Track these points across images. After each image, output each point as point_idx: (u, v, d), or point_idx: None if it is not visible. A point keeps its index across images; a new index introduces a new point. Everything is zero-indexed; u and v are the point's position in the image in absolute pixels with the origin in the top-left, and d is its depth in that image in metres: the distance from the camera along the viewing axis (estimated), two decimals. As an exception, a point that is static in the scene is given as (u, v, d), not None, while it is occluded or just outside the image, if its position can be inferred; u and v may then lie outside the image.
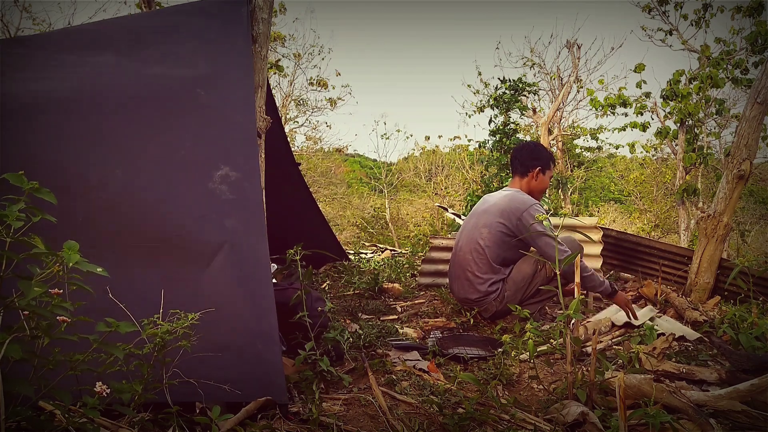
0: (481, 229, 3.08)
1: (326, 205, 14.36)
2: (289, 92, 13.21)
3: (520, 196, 3.08)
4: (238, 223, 1.93)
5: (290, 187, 4.15)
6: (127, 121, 2.05)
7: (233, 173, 1.97)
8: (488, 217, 3.08)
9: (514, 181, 3.26)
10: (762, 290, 3.59)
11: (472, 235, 3.11)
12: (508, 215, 3.01)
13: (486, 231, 3.05)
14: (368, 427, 1.75)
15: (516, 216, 2.98)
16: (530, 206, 2.98)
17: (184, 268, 1.87)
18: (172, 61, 2.24)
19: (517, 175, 3.23)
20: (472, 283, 3.06)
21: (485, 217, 3.10)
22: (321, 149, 15.32)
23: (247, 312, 1.86)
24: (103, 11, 26.05)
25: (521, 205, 2.99)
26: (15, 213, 1.13)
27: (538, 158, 3.18)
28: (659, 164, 14.70)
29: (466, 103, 25.05)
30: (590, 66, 19.07)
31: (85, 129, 2.01)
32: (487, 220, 3.08)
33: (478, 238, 3.07)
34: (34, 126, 1.98)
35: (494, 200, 3.16)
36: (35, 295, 1.14)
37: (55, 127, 2.00)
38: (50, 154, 1.95)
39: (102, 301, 1.54)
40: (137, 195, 1.94)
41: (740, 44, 8.68)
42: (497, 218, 3.03)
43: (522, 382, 2.26)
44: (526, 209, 2.97)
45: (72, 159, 1.95)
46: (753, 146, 3.53)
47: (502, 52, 31.82)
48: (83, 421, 1.22)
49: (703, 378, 2.15)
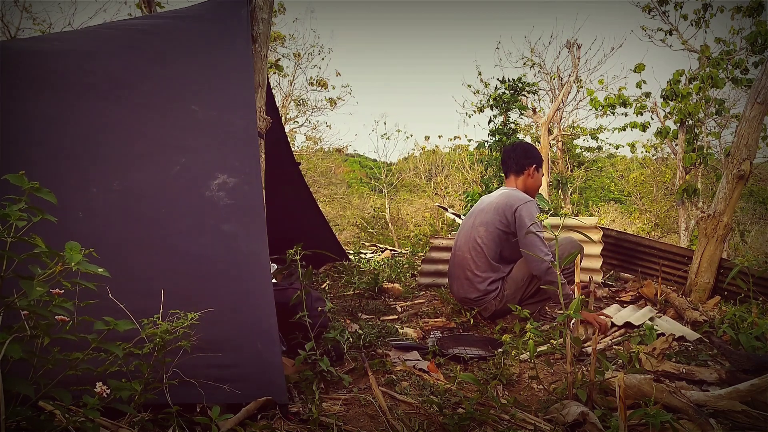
0: (478, 227, 3.10)
1: (326, 205, 14.35)
2: (289, 92, 13.22)
3: (516, 193, 3.11)
4: (238, 227, 1.95)
5: (290, 187, 4.15)
6: (124, 139, 2.06)
7: (231, 179, 1.99)
8: (485, 215, 3.11)
9: (509, 180, 3.29)
10: (762, 290, 3.59)
11: (470, 235, 3.13)
12: (504, 211, 3.04)
13: (483, 229, 3.08)
14: (368, 427, 1.75)
15: (511, 212, 3.01)
16: (526, 202, 3.02)
17: (184, 275, 1.89)
18: (171, 64, 2.24)
19: (511, 174, 3.27)
20: (472, 282, 3.07)
21: (482, 215, 3.14)
22: (321, 149, 15.32)
23: (247, 312, 1.86)
24: (103, 11, 26.02)
25: (516, 201, 3.02)
26: (17, 213, 1.13)
27: (532, 156, 3.24)
28: (659, 164, 14.70)
29: (466, 103, 25.11)
30: (590, 66, 19.08)
31: (82, 146, 2.03)
32: (484, 218, 3.11)
33: (476, 236, 3.09)
34: (36, 143, 2.00)
35: (491, 200, 3.20)
36: (37, 295, 1.14)
37: (55, 144, 2.02)
38: (49, 168, 1.98)
39: (103, 304, 1.54)
40: (135, 211, 1.96)
41: (740, 44, 8.68)
42: (494, 216, 3.06)
43: (522, 382, 2.26)
44: (521, 204, 3.00)
45: (71, 173, 1.97)
46: (753, 146, 3.54)
47: (503, 52, 31.88)
48: (83, 421, 1.22)
49: (703, 378, 2.15)
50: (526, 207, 2.99)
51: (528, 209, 2.98)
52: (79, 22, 14.25)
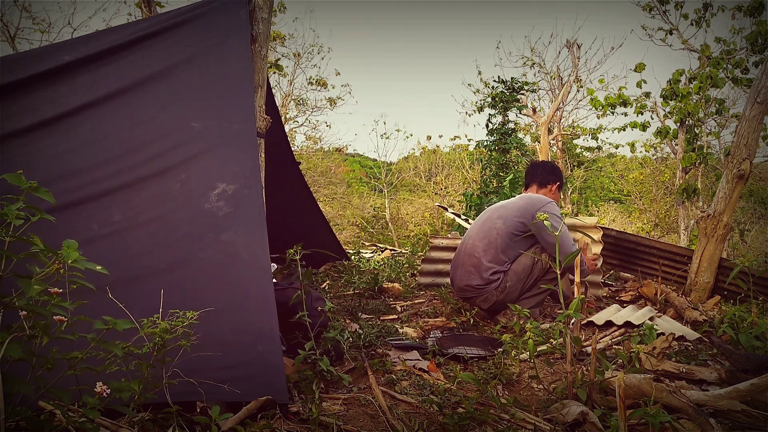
0: (495, 220, 3.22)
1: (326, 205, 14.34)
2: (289, 92, 13.22)
3: (539, 196, 3.27)
4: (237, 234, 1.97)
5: (290, 186, 4.15)
6: (125, 164, 2.08)
7: (231, 186, 2.02)
8: (506, 211, 3.24)
9: (531, 189, 3.46)
10: (762, 290, 3.59)
11: (485, 226, 3.25)
12: (525, 211, 3.17)
13: (501, 222, 3.18)
14: (368, 426, 1.75)
15: (531, 213, 3.13)
16: (547, 203, 3.18)
17: (185, 281, 1.91)
18: (169, 73, 2.25)
19: (534, 184, 3.45)
20: (478, 268, 3.14)
21: (502, 211, 3.26)
22: (321, 149, 15.32)
23: (247, 312, 1.87)
24: (102, 11, 25.99)
25: (539, 203, 3.18)
26: (14, 212, 1.12)
27: (557, 175, 3.45)
28: (659, 164, 14.70)
29: (466, 102, 25.09)
30: (590, 66, 19.06)
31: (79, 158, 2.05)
32: (504, 213, 3.23)
33: (492, 227, 3.20)
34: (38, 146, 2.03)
35: (514, 201, 3.34)
36: (34, 294, 1.13)
37: (55, 153, 2.04)
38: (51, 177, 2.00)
39: (103, 306, 1.54)
40: (137, 229, 1.97)
41: (740, 44, 8.67)
42: (515, 213, 3.19)
43: (522, 381, 2.26)
44: (543, 205, 3.16)
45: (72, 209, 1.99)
46: (753, 146, 3.53)
47: (503, 51, 31.96)
48: (83, 421, 1.22)
49: (703, 378, 2.15)
50: (551, 205, 3.18)
51: (553, 207, 3.18)
52: (78, 22, 14.24)
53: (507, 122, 8.84)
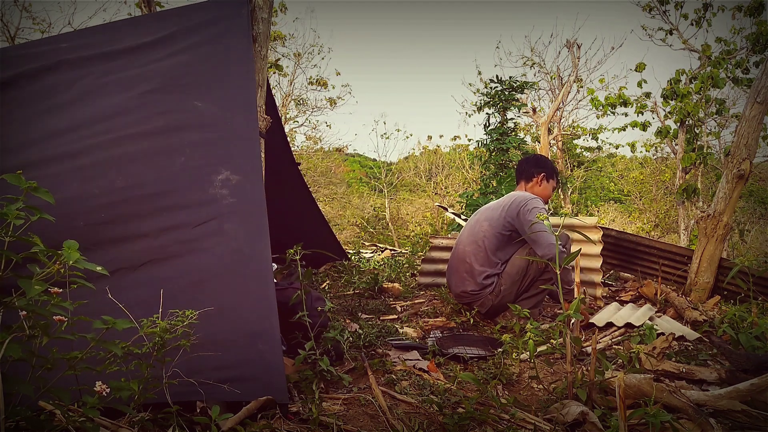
0: (482, 223, 3.21)
1: (326, 205, 14.35)
2: (289, 92, 13.22)
3: (523, 193, 3.23)
4: (239, 226, 1.95)
5: (290, 186, 4.15)
6: (129, 136, 2.08)
7: (234, 176, 1.98)
8: (491, 212, 3.23)
9: (519, 186, 3.42)
10: (762, 290, 3.59)
11: (473, 229, 3.25)
12: (509, 209, 3.14)
13: (487, 224, 3.18)
14: (368, 426, 1.74)
15: (515, 210, 3.10)
16: (531, 200, 3.11)
17: (184, 274, 1.89)
18: (174, 65, 2.25)
19: (522, 180, 3.39)
20: (471, 274, 3.14)
21: (488, 212, 3.26)
22: (321, 149, 15.32)
23: (248, 311, 1.86)
24: (103, 11, 26.01)
25: (522, 199, 3.14)
26: (14, 212, 1.12)
27: (542, 166, 3.37)
28: (659, 164, 14.70)
29: (466, 102, 25.08)
30: (590, 66, 19.09)
31: (80, 143, 2.05)
32: (489, 214, 3.23)
33: (479, 230, 3.20)
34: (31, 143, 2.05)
35: (499, 201, 3.32)
36: (35, 294, 1.13)
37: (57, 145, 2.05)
38: (48, 164, 2.00)
39: (103, 305, 1.54)
40: (139, 203, 1.96)
41: (741, 44, 8.67)
42: (499, 213, 3.17)
43: (522, 381, 2.26)
44: (526, 202, 3.10)
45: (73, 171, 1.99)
46: (753, 146, 3.53)
47: (503, 51, 31.97)
48: (83, 421, 1.22)
49: (703, 378, 2.15)
50: (533, 201, 3.11)
51: (535, 203, 3.10)
52: (78, 22, 14.24)
53: (506, 122, 8.83)
